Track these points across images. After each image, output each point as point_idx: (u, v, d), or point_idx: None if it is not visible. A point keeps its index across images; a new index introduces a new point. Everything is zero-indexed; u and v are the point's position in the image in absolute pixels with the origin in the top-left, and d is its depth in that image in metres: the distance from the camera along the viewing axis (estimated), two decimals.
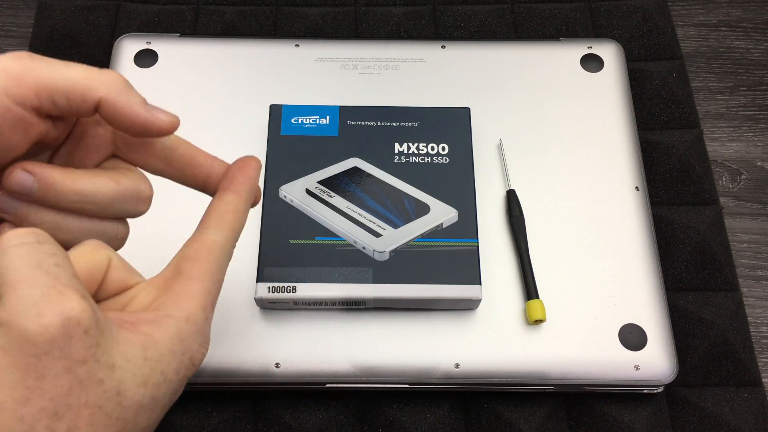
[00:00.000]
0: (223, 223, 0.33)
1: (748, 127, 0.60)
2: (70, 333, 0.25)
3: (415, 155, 0.50)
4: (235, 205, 0.33)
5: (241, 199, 0.34)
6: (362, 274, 0.46)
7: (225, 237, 0.32)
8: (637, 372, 0.46)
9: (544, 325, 0.47)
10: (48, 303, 0.25)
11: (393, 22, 0.62)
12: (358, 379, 0.46)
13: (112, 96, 0.31)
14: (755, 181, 0.58)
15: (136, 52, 0.56)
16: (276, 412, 0.47)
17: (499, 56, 0.57)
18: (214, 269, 0.31)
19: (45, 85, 0.30)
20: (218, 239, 0.32)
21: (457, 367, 0.46)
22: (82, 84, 0.31)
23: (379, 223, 0.48)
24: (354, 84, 0.56)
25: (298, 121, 0.51)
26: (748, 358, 0.50)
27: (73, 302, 0.25)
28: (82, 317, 0.25)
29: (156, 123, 0.32)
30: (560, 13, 0.63)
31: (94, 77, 0.31)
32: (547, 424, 0.47)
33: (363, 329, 0.47)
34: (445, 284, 0.46)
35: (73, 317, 0.25)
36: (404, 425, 0.47)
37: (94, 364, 0.26)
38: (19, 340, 0.25)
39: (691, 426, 0.48)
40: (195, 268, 0.31)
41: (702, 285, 0.52)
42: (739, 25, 0.64)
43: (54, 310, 0.25)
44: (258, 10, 0.62)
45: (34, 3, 0.63)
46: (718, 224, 0.54)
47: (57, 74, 0.30)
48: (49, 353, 0.25)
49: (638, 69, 0.60)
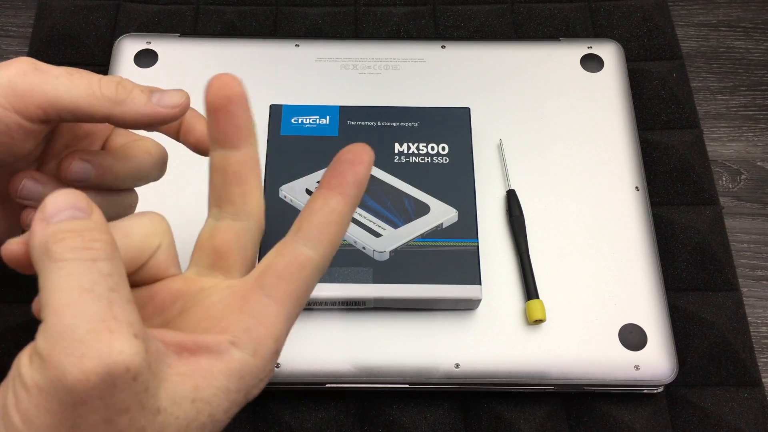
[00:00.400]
0: (325, 237, 0.27)
1: (748, 127, 0.60)
2: (116, 382, 0.22)
3: (415, 155, 0.50)
4: (340, 214, 0.27)
5: (348, 206, 0.27)
6: (362, 274, 0.46)
7: (323, 254, 0.27)
8: (637, 372, 0.46)
9: (544, 325, 0.47)
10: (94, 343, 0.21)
11: (393, 22, 0.62)
12: (358, 379, 0.46)
13: (118, 110, 0.31)
14: (755, 181, 0.58)
15: (136, 52, 0.56)
16: (276, 412, 0.47)
17: (499, 56, 0.57)
18: (301, 291, 0.26)
19: (50, 103, 0.30)
20: (314, 256, 0.26)
21: (457, 367, 0.46)
22: (87, 102, 0.31)
23: (379, 223, 0.48)
24: (354, 84, 0.56)
25: (298, 121, 0.51)
26: (748, 358, 0.50)
27: (123, 344, 0.22)
28: (131, 363, 0.22)
29: (162, 116, 0.32)
30: (560, 13, 0.63)
31: (98, 95, 0.31)
32: (547, 424, 0.47)
33: (363, 329, 0.47)
34: (445, 284, 0.46)
35: (121, 363, 0.22)
36: (404, 425, 0.47)
37: (138, 412, 0.22)
38: (55, 383, 0.21)
39: (691, 426, 0.48)
40: (281, 287, 0.26)
41: (702, 285, 0.52)
42: (739, 25, 0.64)
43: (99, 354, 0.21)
44: (258, 10, 0.62)
45: (34, 3, 0.63)
46: (718, 224, 0.54)
47: (62, 91, 0.30)
48: (88, 404, 0.22)
49: (638, 69, 0.60)
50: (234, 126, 0.28)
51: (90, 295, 0.22)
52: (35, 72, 0.30)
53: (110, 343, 0.22)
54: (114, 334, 0.22)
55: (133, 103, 0.32)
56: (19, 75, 0.30)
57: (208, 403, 0.24)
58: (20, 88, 0.30)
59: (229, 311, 0.26)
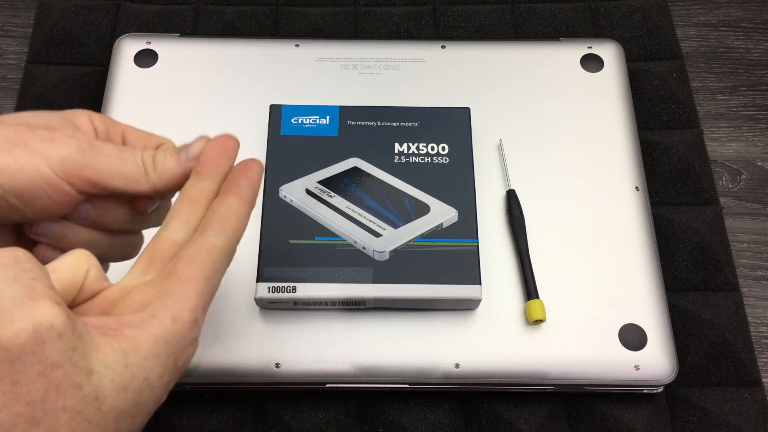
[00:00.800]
0: (225, 227, 0.32)
1: (748, 127, 0.60)
2: (43, 338, 0.25)
3: (415, 155, 0.50)
4: (237, 209, 0.32)
5: (244, 204, 0.33)
6: (362, 274, 0.46)
7: (226, 241, 0.31)
8: (637, 372, 0.46)
9: (544, 325, 0.47)
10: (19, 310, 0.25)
11: (393, 22, 0.62)
12: (358, 379, 0.46)
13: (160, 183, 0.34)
14: (755, 181, 0.58)
15: (136, 52, 0.56)
16: (276, 412, 0.47)
17: (499, 56, 0.57)
18: (210, 273, 0.31)
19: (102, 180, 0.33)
20: (218, 243, 0.31)
21: (457, 367, 0.46)
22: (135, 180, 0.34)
23: (379, 223, 0.48)
24: (354, 84, 0.56)
25: (298, 121, 0.51)
26: (748, 358, 0.50)
27: (46, 308, 0.25)
28: (54, 322, 0.25)
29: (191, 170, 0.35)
30: (560, 13, 0.63)
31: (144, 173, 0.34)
32: (547, 424, 0.47)
33: (363, 329, 0.47)
34: (445, 284, 0.46)
35: (45, 322, 0.25)
36: (404, 425, 0.47)
37: (71, 369, 0.25)
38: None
39: (691, 426, 0.48)
40: (190, 269, 0.30)
41: (702, 285, 0.52)
42: (739, 25, 0.64)
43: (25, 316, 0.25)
44: (258, 10, 0.62)
45: (34, 3, 0.63)
46: (718, 224, 0.54)
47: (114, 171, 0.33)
48: (22, 358, 0.25)
49: (638, 69, 0.60)
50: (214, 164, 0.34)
51: (14, 283, 0.26)
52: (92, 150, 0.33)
53: (34, 309, 0.25)
54: (37, 302, 0.25)
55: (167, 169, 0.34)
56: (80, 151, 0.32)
57: (140, 368, 0.27)
58: (78, 163, 0.32)
59: (148, 297, 0.30)
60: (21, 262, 0.27)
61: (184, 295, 0.29)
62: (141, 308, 0.29)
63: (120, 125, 0.37)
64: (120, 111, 0.54)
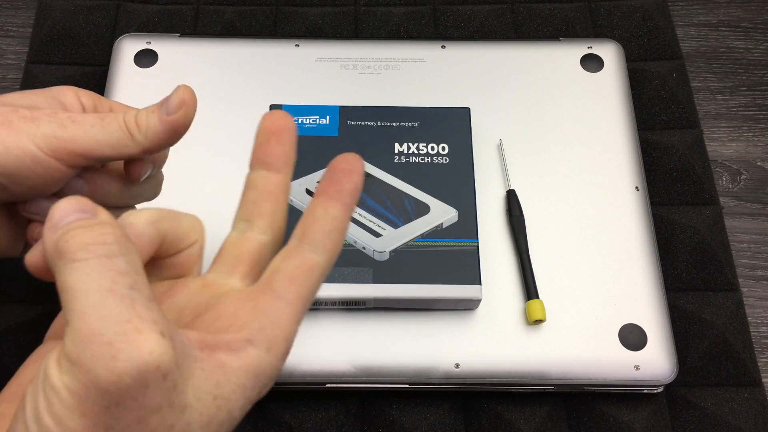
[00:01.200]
0: (329, 243, 0.28)
1: (748, 127, 0.60)
2: (147, 382, 0.22)
3: (415, 155, 0.50)
4: (341, 221, 0.28)
5: (347, 213, 0.29)
6: (362, 274, 0.46)
7: (328, 259, 0.28)
8: (637, 372, 0.46)
9: (544, 325, 0.47)
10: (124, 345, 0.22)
11: (393, 22, 0.62)
12: (358, 379, 0.46)
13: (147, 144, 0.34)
14: (755, 181, 0.58)
15: (136, 52, 0.56)
16: (276, 412, 0.47)
17: (499, 56, 0.57)
18: (308, 294, 0.28)
19: (89, 151, 0.33)
20: (321, 261, 0.28)
21: (457, 367, 0.46)
22: (121, 145, 0.33)
23: (379, 223, 0.48)
24: (354, 84, 0.56)
25: (298, 121, 0.51)
26: (748, 358, 0.50)
27: (152, 343, 0.22)
28: (161, 362, 0.22)
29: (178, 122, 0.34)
30: (560, 13, 0.63)
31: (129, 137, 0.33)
32: (547, 424, 0.47)
33: (363, 329, 0.47)
34: (445, 284, 0.46)
35: (151, 363, 0.22)
36: (404, 425, 0.47)
37: (168, 410, 0.23)
38: (88, 386, 0.22)
39: (691, 426, 0.48)
40: (291, 289, 0.27)
41: (702, 285, 0.52)
42: (739, 25, 0.64)
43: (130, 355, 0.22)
44: (258, 10, 0.62)
45: (34, 3, 0.63)
46: (718, 224, 0.54)
47: (99, 140, 0.33)
48: (121, 405, 0.22)
49: (638, 69, 0.60)
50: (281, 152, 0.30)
51: (112, 296, 0.23)
52: (73, 124, 0.32)
53: (140, 344, 0.22)
54: (142, 335, 0.22)
55: (151, 126, 0.33)
56: (61, 127, 0.32)
57: (227, 400, 0.25)
58: (62, 138, 0.32)
59: (244, 312, 0.27)
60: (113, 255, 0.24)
61: (283, 318, 0.27)
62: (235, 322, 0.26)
63: (107, 101, 0.37)
64: None
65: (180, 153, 0.39)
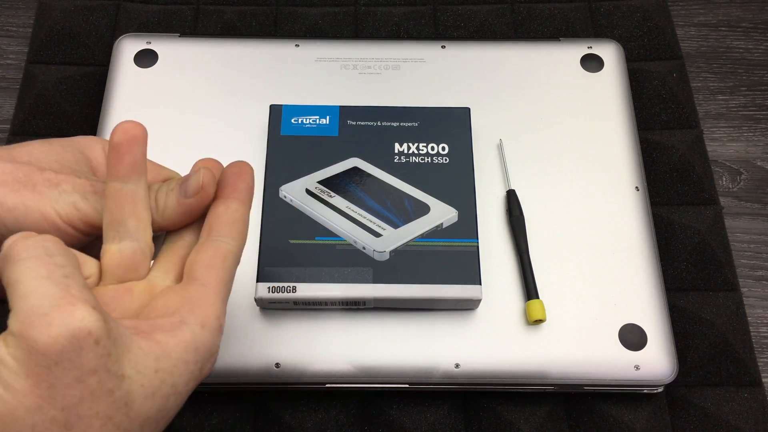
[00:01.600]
0: (235, 232, 0.32)
1: (748, 127, 0.60)
2: (81, 344, 0.25)
3: (415, 155, 0.50)
4: (243, 214, 0.33)
5: (246, 208, 0.33)
6: (362, 274, 0.46)
7: (237, 246, 0.32)
8: (637, 372, 0.46)
9: (544, 325, 0.47)
10: (58, 314, 0.25)
11: (393, 22, 0.62)
12: (358, 379, 0.46)
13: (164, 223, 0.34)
14: (755, 181, 0.58)
15: (136, 52, 0.56)
16: (276, 412, 0.47)
17: (499, 56, 0.57)
18: (228, 277, 0.31)
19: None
20: (232, 248, 0.32)
21: (457, 367, 0.46)
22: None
23: (379, 223, 0.48)
24: (354, 84, 0.56)
25: (298, 121, 0.51)
26: (748, 358, 0.50)
27: (83, 312, 0.25)
28: (92, 327, 0.25)
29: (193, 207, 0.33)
30: (560, 13, 0.63)
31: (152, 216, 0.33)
32: (547, 424, 0.47)
33: (363, 329, 0.47)
34: (445, 284, 0.46)
35: (83, 328, 0.25)
36: (404, 425, 0.47)
37: (105, 374, 0.26)
38: (29, 351, 0.25)
39: (691, 426, 0.48)
40: (211, 275, 0.31)
41: (702, 285, 0.52)
42: (739, 25, 0.64)
43: (63, 321, 0.25)
44: (258, 10, 0.62)
45: (34, 3, 0.63)
46: (718, 224, 0.54)
47: None
48: (60, 364, 0.25)
49: (638, 69, 0.60)
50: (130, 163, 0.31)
51: (49, 281, 0.26)
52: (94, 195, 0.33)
53: (72, 313, 0.25)
54: (75, 306, 0.25)
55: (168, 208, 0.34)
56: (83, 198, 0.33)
57: (170, 374, 0.28)
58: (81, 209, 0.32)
59: (173, 302, 0.30)
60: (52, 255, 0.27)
61: (209, 300, 0.30)
62: (168, 313, 0.29)
63: None
64: (120, 111, 0.54)
65: (180, 153, 0.39)
